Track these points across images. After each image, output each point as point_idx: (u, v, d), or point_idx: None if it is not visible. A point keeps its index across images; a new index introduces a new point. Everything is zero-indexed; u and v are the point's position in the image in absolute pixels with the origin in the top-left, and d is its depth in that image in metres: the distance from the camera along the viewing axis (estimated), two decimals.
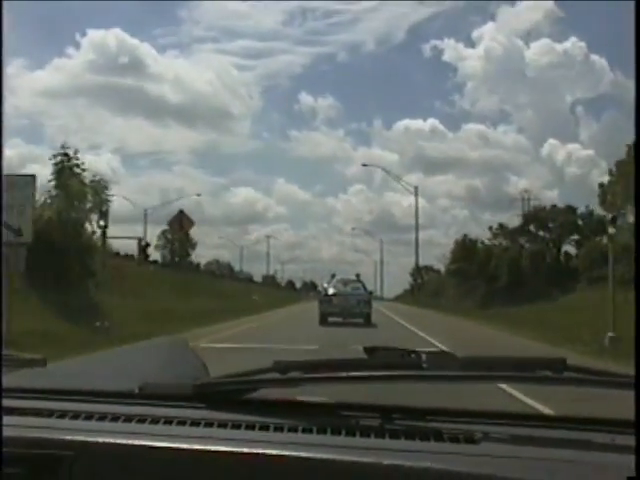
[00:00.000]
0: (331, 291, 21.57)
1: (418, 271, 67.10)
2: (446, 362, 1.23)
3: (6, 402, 1.22)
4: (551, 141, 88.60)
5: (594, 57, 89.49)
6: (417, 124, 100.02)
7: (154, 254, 75.66)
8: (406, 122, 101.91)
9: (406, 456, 1.03)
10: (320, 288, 27.42)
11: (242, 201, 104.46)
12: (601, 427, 1.18)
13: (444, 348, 10.20)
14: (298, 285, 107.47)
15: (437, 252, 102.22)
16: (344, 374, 1.21)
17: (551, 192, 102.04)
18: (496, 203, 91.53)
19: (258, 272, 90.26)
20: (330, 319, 20.35)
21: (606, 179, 33.61)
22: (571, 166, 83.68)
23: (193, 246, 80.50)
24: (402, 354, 1.24)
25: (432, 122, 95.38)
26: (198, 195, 68.41)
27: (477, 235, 49.07)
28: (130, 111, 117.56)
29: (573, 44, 79.03)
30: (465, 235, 49.37)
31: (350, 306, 20.74)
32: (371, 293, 24.13)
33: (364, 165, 66.78)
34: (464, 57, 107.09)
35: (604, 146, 74.42)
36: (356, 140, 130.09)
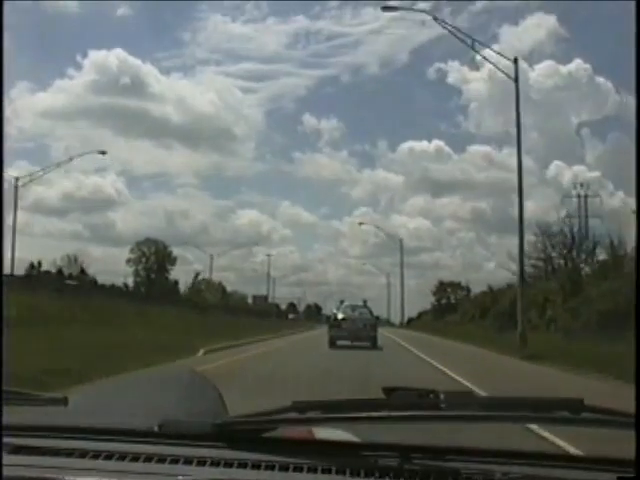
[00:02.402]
0: (340, 316, 22.82)
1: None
2: (465, 402, 1.25)
3: (27, 441, 1.24)
4: (557, 163, 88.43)
5: (599, 79, 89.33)
6: (422, 145, 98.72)
7: (126, 269, 73.53)
8: (411, 144, 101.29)
9: None
10: (325, 311, 30.97)
11: (247, 223, 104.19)
12: (618, 467, 1.17)
13: None
14: (302, 307, 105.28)
15: (444, 274, 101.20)
16: (363, 414, 1.21)
17: (558, 214, 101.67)
18: (502, 225, 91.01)
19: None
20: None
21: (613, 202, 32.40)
22: (577, 188, 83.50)
23: (172, 261, 77.20)
24: (420, 394, 1.24)
25: (437, 143, 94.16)
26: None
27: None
28: (133, 132, 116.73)
29: (578, 66, 79.10)
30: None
31: (357, 330, 21.92)
32: (377, 318, 25.67)
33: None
34: (468, 79, 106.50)
35: (610, 167, 74.32)
36: (361, 162, 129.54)
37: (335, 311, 24.15)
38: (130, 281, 73.38)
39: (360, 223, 69.28)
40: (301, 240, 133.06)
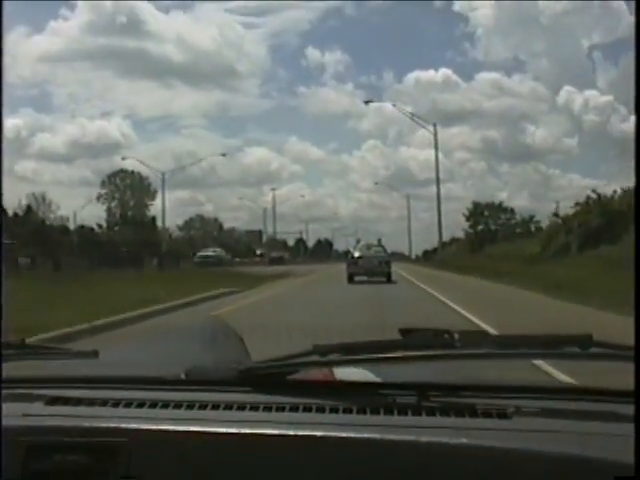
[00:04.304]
0: (357, 254, 25.16)
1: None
2: (478, 340, 1.29)
3: (61, 392, 1.30)
4: (568, 88, 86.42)
5: None
6: (429, 75, 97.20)
7: (98, 208, 64.26)
8: (417, 73, 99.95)
9: (442, 432, 1.08)
10: (337, 247, 32.10)
11: (256, 161, 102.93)
12: (629, 399, 1.20)
13: None
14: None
15: (456, 206, 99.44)
16: (381, 355, 1.26)
17: (571, 140, 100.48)
18: (514, 154, 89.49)
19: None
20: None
21: (625, 126, 29.44)
22: (589, 113, 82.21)
23: (152, 195, 66.74)
24: (436, 334, 1.29)
25: (445, 72, 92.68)
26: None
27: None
28: (134, 73, 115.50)
29: None
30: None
31: (373, 267, 24.26)
32: (392, 254, 29.46)
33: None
34: (475, 7, 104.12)
35: (623, 91, 72.61)
36: (367, 95, 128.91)
37: (352, 250, 26.82)
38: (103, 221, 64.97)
39: (365, 102, 56.27)
40: (311, 176, 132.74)
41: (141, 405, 1.23)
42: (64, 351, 1.56)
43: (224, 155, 63.34)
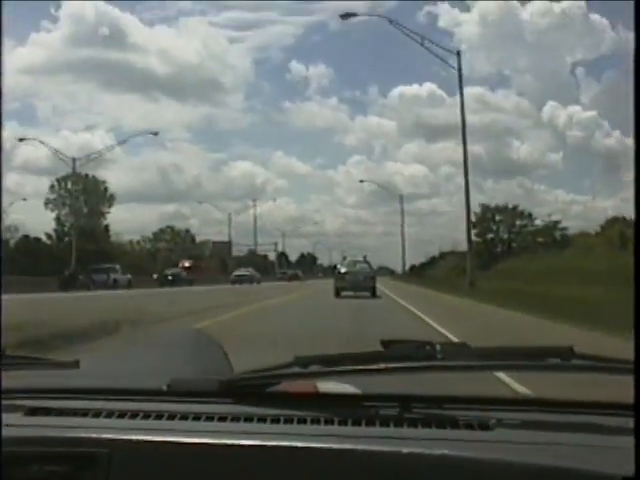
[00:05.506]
0: (343, 270, 26.55)
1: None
2: (460, 352, 1.31)
3: (42, 403, 1.29)
4: (552, 103, 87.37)
5: (594, 16, 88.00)
6: (413, 90, 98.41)
7: (46, 215, 55.73)
8: (402, 88, 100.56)
9: (424, 444, 1.08)
10: (321, 261, 32.39)
11: (241, 175, 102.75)
12: (609, 411, 1.23)
13: None
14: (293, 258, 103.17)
15: (442, 220, 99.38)
16: (363, 367, 1.26)
17: (555, 155, 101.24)
18: (499, 169, 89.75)
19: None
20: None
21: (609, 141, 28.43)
22: (573, 129, 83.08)
23: (110, 201, 61.60)
24: (418, 346, 1.29)
25: (429, 87, 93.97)
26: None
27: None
28: (118, 85, 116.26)
29: (572, 4, 77.81)
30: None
31: (358, 282, 25.39)
32: (378, 269, 31.41)
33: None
34: (459, 22, 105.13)
35: (606, 107, 73.88)
36: (352, 109, 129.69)
37: (339, 266, 28.22)
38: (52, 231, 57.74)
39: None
40: (297, 191, 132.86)
41: (122, 415, 1.22)
42: (44, 361, 1.54)
43: (155, 134, 51.70)
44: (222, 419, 1.20)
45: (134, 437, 1.12)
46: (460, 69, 30.92)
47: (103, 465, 1.08)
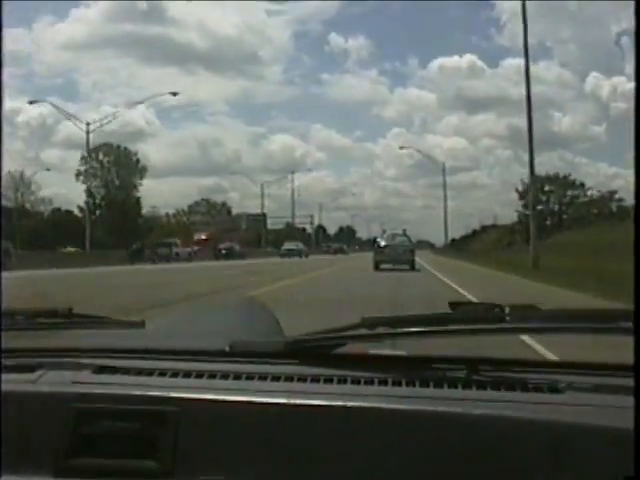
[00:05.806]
0: (383, 243, 26.72)
1: None
2: (528, 314, 1.27)
3: (109, 362, 1.31)
4: (595, 75, 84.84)
5: None
6: (454, 61, 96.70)
7: (78, 187, 53.17)
8: (442, 60, 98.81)
9: (494, 406, 1.07)
10: (359, 234, 31.90)
11: (280, 149, 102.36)
12: None
13: None
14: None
15: (482, 194, 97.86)
16: (430, 328, 1.25)
17: (598, 127, 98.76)
18: (540, 142, 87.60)
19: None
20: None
21: None
22: (617, 100, 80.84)
23: (142, 173, 59.46)
24: (486, 307, 1.27)
25: (470, 58, 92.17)
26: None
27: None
28: (157, 60, 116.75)
29: None
30: None
31: (398, 255, 25.71)
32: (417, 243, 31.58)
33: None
34: None
35: None
36: (392, 81, 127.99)
37: (378, 239, 28.29)
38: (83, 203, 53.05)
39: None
40: (336, 164, 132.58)
41: (188, 375, 1.23)
42: (111, 321, 1.56)
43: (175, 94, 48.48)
44: (288, 379, 1.20)
45: (202, 396, 1.13)
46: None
47: (173, 423, 1.09)
